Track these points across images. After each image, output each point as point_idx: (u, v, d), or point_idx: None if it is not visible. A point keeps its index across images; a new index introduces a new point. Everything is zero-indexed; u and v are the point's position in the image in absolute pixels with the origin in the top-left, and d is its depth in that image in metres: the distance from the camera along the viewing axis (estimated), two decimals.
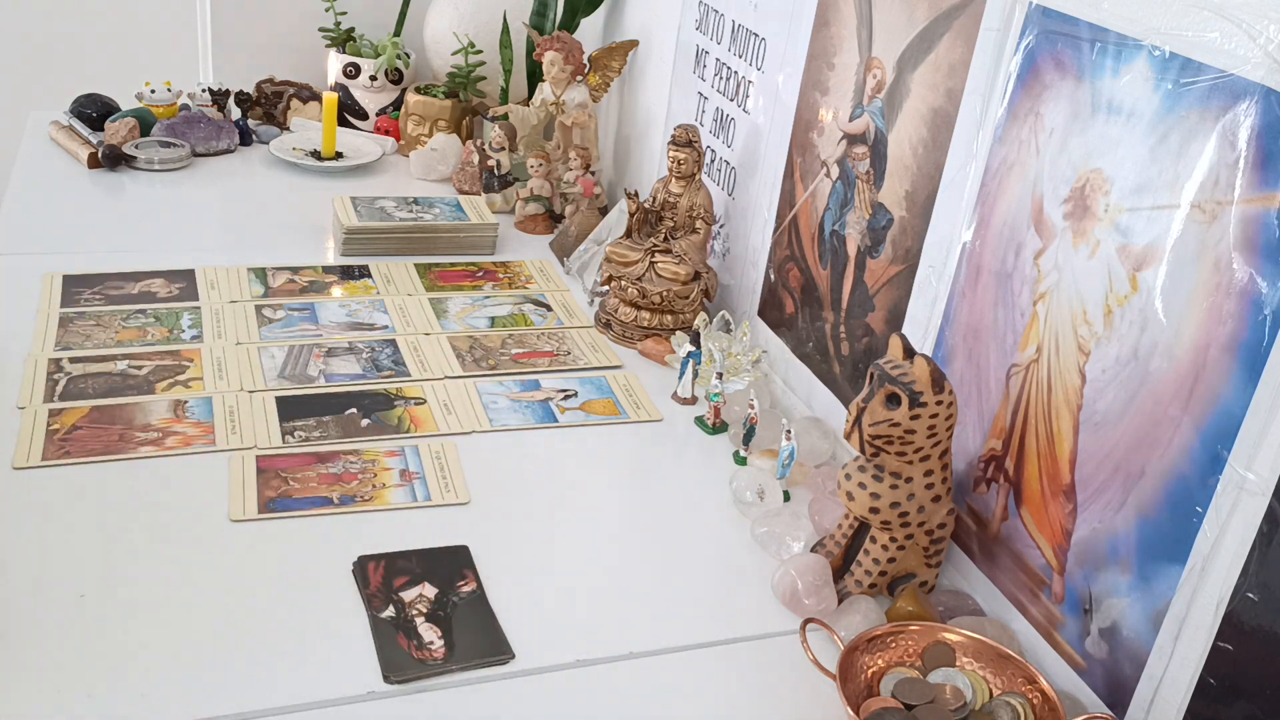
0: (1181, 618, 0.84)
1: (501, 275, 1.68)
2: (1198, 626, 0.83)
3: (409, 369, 1.39)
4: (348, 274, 1.63)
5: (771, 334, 1.47)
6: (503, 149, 1.88)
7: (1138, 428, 0.88)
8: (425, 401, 1.32)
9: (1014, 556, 1.03)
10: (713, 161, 1.62)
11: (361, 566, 1.04)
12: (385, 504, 1.14)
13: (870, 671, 0.95)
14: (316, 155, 1.99)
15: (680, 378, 1.39)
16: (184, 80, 2.14)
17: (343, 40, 2.17)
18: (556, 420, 1.32)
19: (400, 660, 0.94)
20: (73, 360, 1.33)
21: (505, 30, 2.00)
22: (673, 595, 1.07)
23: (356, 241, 1.68)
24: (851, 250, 1.28)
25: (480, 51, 2.07)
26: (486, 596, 1.02)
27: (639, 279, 1.50)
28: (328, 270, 1.63)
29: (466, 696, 0.93)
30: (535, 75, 1.98)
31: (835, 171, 1.31)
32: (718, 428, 1.33)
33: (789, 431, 1.19)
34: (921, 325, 1.16)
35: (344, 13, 2.18)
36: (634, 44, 1.87)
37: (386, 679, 0.92)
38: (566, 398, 1.37)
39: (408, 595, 1.01)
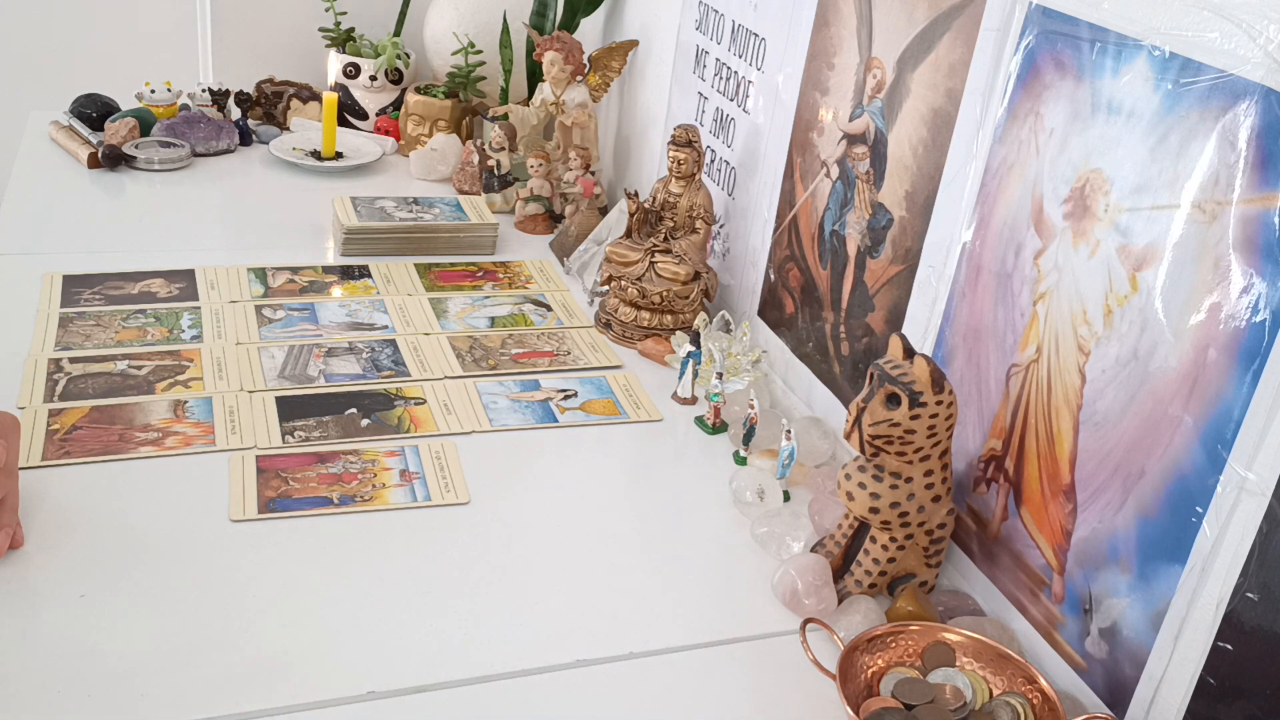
0: (1181, 618, 0.84)
1: (501, 275, 1.68)
2: (1198, 626, 0.83)
3: (409, 369, 1.39)
4: (348, 274, 1.63)
5: (771, 334, 1.47)
6: (503, 149, 1.88)
7: (1138, 428, 0.88)
8: (425, 401, 1.32)
9: (1014, 556, 1.03)
10: (713, 161, 1.62)
11: None
12: (385, 504, 1.14)
13: (870, 671, 0.95)
14: (316, 155, 1.99)
15: (680, 378, 1.39)
16: (184, 80, 2.14)
17: (343, 40, 2.17)
18: (556, 420, 1.32)
19: None
20: (73, 360, 1.33)
21: (505, 30, 2.00)
22: (673, 595, 1.07)
23: (356, 241, 1.68)
24: (851, 250, 1.28)
25: (480, 51, 2.07)
26: None
27: (639, 279, 1.50)
28: (328, 270, 1.63)
29: (467, 697, 0.93)
30: (535, 75, 1.99)
31: (835, 171, 1.31)
32: (718, 428, 1.33)
33: (789, 431, 1.19)
34: (921, 325, 1.16)
35: (344, 13, 2.18)
36: (634, 44, 1.87)
37: None
38: (566, 398, 1.37)
39: None
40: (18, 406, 1.23)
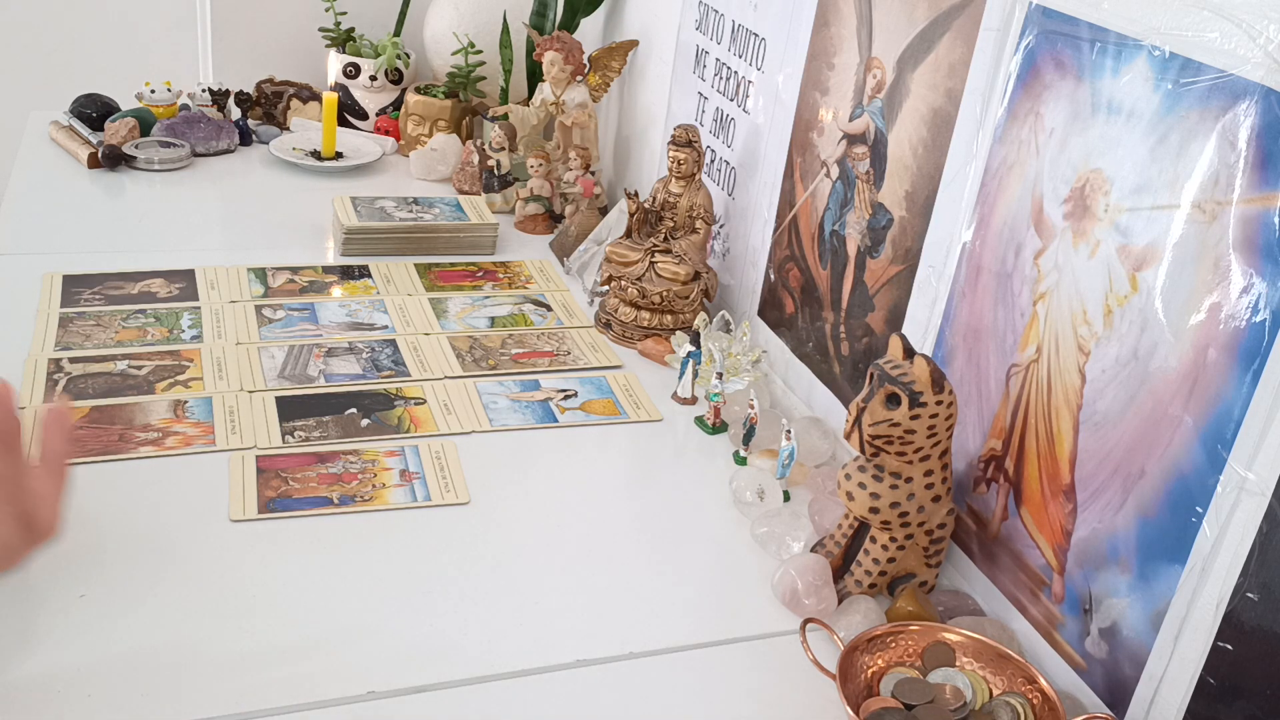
0: (1181, 618, 0.84)
1: (501, 275, 1.68)
2: (1198, 626, 0.83)
3: (409, 369, 1.39)
4: (348, 274, 1.63)
5: (771, 334, 1.47)
6: (503, 149, 1.88)
7: (1138, 428, 0.88)
8: (425, 401, 1.32)
9: (1014, 556, 1.03)
10: (713, 161, 1.62)
11: None
12: (385, 504, 1.14)
13: (870, 671, 0.95)
14: (316, 155, 1.99)
15: (680, 378, 1.39)
16: (184, 80, 2.14)
17: (343, 40, 2.17)
18: (556, 420, 1.32)
19: None
20: (73, 360, 1.33)
21: (505, 30, 2.00)
22: (673, 595, 1.07)
23: (356, 241, 1.68)
24: (851, 250, 1.28)
25: (480, 51, 2.07)
26: None
27: (639, 279, 1.50)
28: (328, 270, 1.63)
29: (466, 697, 0.93)
30: (535, 75, 1.99)
31: (835, 171, 1.31)
32: (718, 428, 1.33)
33: (789, 431, 1.18)
34: (921, 325, 1.16)
35: (344, 13, 2.18)
36: (634, 44, 1.87)
37: None
38: (566, 398, 1.37)
39: None
40: (18, 407, 1.22)
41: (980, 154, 1.07)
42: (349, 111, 2.15)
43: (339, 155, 2.00)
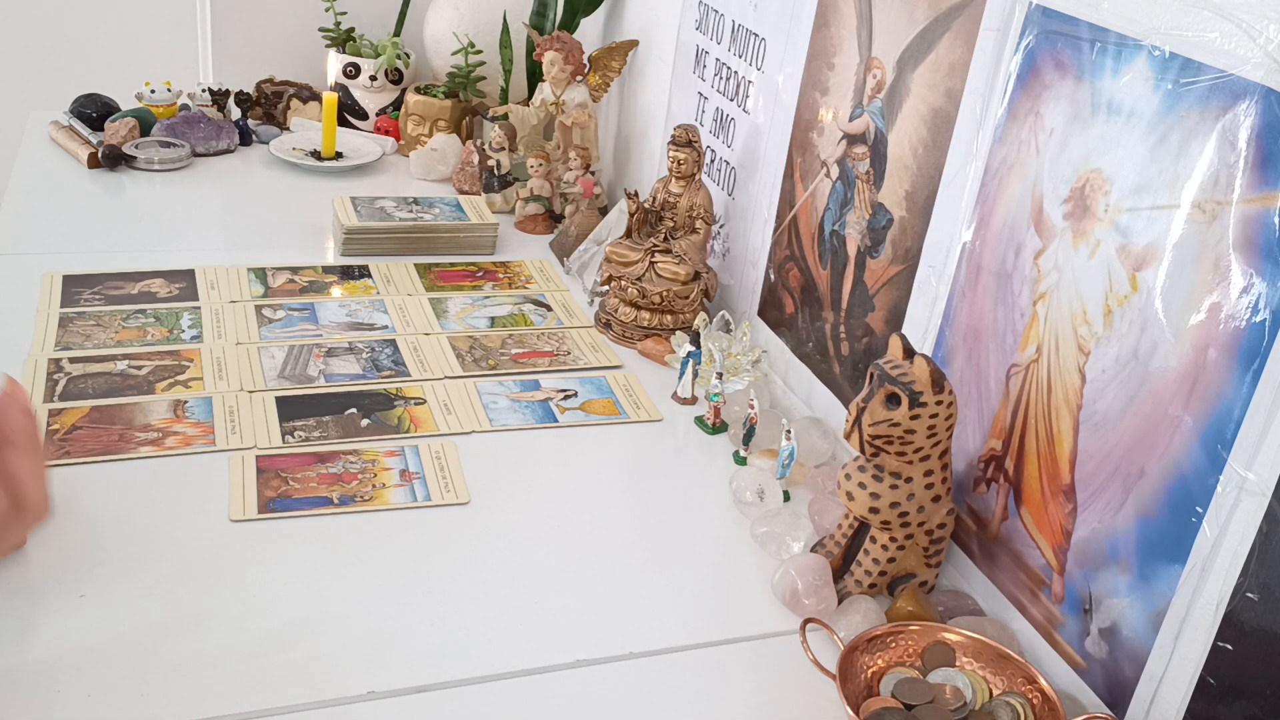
0: (1181, 618, 0.84)
1: (501, 275, 1.68)
2: (1198, 626, 0.83)
3: (409, 369, 1.39)
4: (348, 274, 1.63)
5: (771, 334, 1.47)
6: (503, 149, 1.88)
7: (1138, 428, 0.88)
8: (425, 401, 1.32)
9: (1014, 556, 1.03)
10: (713, 161, 1.62)
11: None
12: (385, 504, 1.14)
13: (870, 671, 0.95)
14: (316, 155, 1.99)
15: (680, 378, 1.39)
16: (184, 80, 2.15)
17: (343, 40, 2.17)
18: (556, 420, 1.32)
19: None
20: (72, 360, 1.33)
21: (505, 30, 2.00)
22: (673, 595, 1.07)
23: (356, 241, 1.68)
24: (851, 250, 1.28)
25: (480, 51, 2.07)
26: None
27: (639, 279, 1.50)
28: (328, 270, 1.63)
29: (467, 697, 0.93)
30: (535, 75, 1.99)
31: (835, 171, 1.31)
32: (718, 428, 1.33)
33: (789, 431, 1.19)
34: (921, 325, 1.16)
35: (344, 13, 2.18)
36: (634, 44, 1.87)
37: None
38: (566, 398, 1.37)
39: None
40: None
41: (980, 154, 1.07)
42: (349, 111, 2.15)
43: (339, 155, 2.00)
